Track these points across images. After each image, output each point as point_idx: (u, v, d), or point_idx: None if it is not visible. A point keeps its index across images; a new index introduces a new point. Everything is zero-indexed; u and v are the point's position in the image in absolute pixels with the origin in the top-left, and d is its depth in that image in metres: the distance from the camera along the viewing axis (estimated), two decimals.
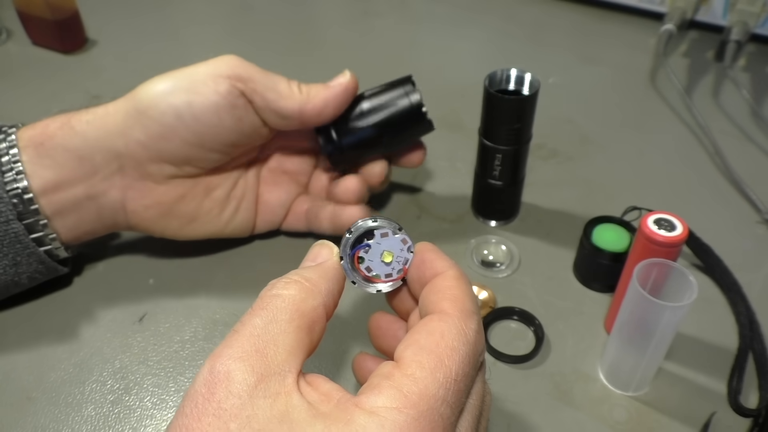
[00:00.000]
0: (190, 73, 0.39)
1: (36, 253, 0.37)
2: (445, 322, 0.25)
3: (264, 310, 0.25)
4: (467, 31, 0.73)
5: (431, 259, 0.29)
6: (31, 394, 0.36)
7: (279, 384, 0.23)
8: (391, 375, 0.23)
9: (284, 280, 0.27)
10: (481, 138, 0.43)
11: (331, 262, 0.29)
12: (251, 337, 0.24)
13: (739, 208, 0.49)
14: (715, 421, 0.35)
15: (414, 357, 0.24)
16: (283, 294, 0.26)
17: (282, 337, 0.24)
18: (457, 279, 0.28)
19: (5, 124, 0.38)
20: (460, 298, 0.27)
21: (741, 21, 0.63)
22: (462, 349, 0.25)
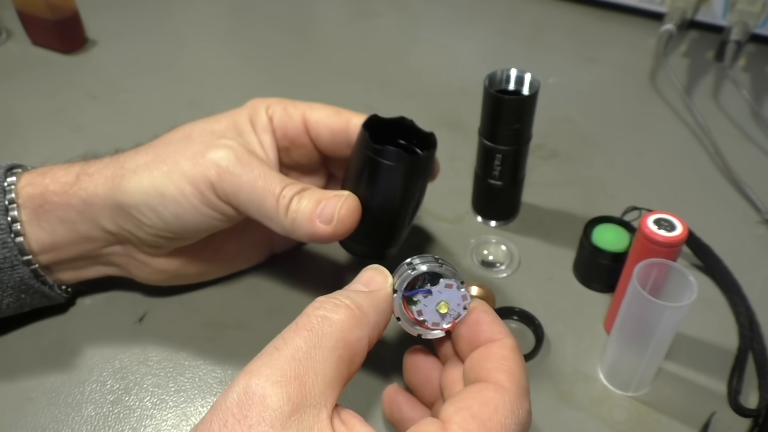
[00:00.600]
0: (175, 177, 0.34)
1: (40, 291, 0.37)
2: (501, 395, 0.25)
3: (309, 332, 0.24)
4: (467, 31, 0.73)
5: (487, 321, 0.28)
6: (31, 394, 0.36)
7: (313, 418, 0.22)
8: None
9: (334, 301, 0.26)
10: (481, 138, 0.43)
11: (383, 292, 0.28)
12: (293, 360, 0.23)
13: (739, 208, 0.49)
14: (715, 421, 0.35)
15: (463, 424, 0.23)
16: (332, 318, 0.25)
17: (323, 366, 0.23)
18: (515, 351, 0.27)
19: (13, 165, 0.38)
20: (518, 373, 0.26)
21: (741, 21, 0.63)
22: (513, 428, 0.24)
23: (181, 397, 0.36)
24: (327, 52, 0.70)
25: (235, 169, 0.33)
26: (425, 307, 0.29)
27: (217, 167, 0.33)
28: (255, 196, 0.33)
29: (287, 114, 0.37)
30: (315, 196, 0.33)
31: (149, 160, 0.34)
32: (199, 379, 0.37)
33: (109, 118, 0.58)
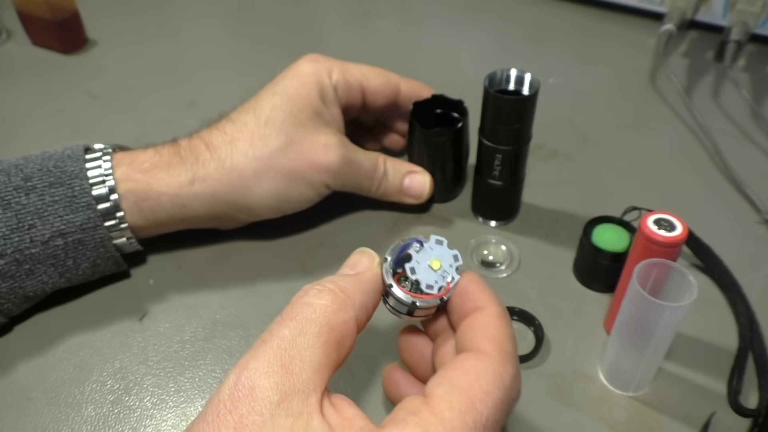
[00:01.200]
0: (298, 184, 0.41)
1: (114, 257, 0.40)
2: (482, 362, 0.25)
3: (293, 321, 0.24)
4: (467, 31, 0.73)
5: (474, 290, 0.28)
6: (31, 394, 0.36)
7: (302, 403, 0.23)
8: (419, 411, 0.23)
9: (317, 287, 0.26)
10: (481, 138, 0.43)
11: (370, 273, 0.28)
12: (278, 350, 0.23)
13: (739, 208, 0.49)
14: (715, 421, 0.35)
15: (445, 396, 0.23)
16: (315, 304, 0.25)
17: (309, 352, 0.24)
18: (499, 317, 0.27)
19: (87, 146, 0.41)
20: (500, 338, 0.26)
21: (741, 21, 0.63)
22: (497, 393, 0.24)
23: (181, 397, 0.36)
24: (327, 52, 0.69)
25: (344, 168, 0.42)
26: (418, 264, 0.29)
27: (331, 172, 0.41)
28: (357, 182, 0.44)
29: (348, 84, 0.43)
30: (399, 170, 0.45)
31: (265, 163, 0.40)
32: (199, 379, 0.37)
33: (109, 118, 0.58)
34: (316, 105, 0.41)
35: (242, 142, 0.40)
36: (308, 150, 0.40)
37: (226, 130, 0.41)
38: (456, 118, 0.48)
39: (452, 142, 0.46)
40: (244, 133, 0.40)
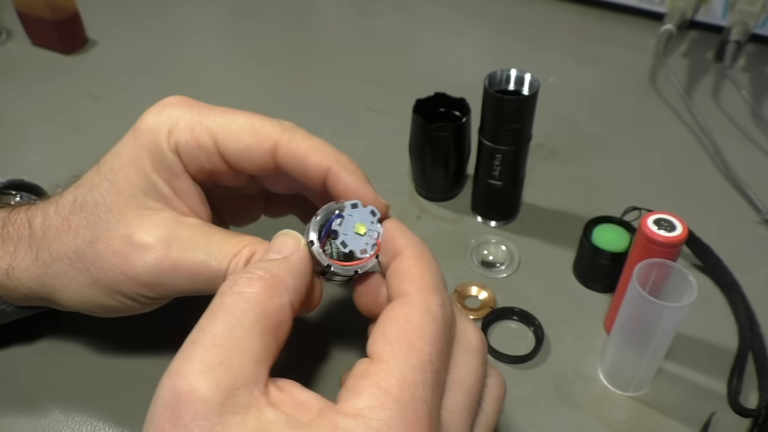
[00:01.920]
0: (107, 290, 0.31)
1: None
2: (408, 305, 0.25)
3: (226, 314, 0.23)
4: (467, 31, 0.73)
5: (392, 237, 0.28)
6: (32, 395, 0.36)
7: (248, 397, 0.22)
8: (367, 373, 0.23)
9: (246, 275, 0.25)
10: (481, 138, 0.43)
11: (297, 255, 0.27)
12: (213, 347, 0.22)
13: (739, 208, 0.49)
14: (715, 421, 0.35)
15: (384, 349, 0.23)
16: (248, 293, 0.24)
17: (247, 343, 0.23)
18: (416, 257, 0.27)
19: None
20: (420, 276, 0.26)
21: (741, 21, 0.63)
22: (430, 327, 0.24)
23: None
24: (327, 51, 0.70)
25: (165, 276, 0.29)
26: (346, 235, 0.29)
27: (142, 283, 0.30)
28: (199, 290, 0.30)
29: (197, 144, 0.30)
30: None
31: (70, 264, 0.31)
32: None
33: (109, 118, 0.58)
34: (144, 181, 0.30)
35: (57, 230, 0.31)
36: (113, 252, 0.30)
37: (50, 210, 0.32)
38: (458, 116, 0.48)
39: (454, 137, 0.46)
40: (61, 219, 0.31)
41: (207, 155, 0.30)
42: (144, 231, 0.29)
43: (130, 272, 0.29)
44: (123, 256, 0.29)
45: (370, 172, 0.53)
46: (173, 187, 0.31)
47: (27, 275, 0.32)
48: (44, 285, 0.32)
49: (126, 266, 0.29)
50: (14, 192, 0.39)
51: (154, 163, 0.30)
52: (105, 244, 0.30)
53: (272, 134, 0.30)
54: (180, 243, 0.29)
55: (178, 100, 0.31)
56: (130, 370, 0.38)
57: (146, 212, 0.30)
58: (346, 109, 0.60)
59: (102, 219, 0.30)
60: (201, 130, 0.30)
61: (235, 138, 0.30)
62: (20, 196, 0.39)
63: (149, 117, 0.31)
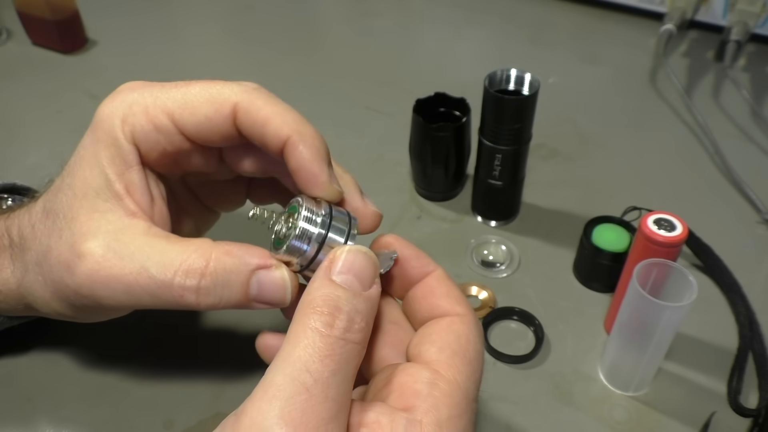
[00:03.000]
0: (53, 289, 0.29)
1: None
2: (467, 326, 0.27)
3: (336, 364, 0.22)
4: (467, 31, 0.73)
5: (417, 255, 0.29)
6: (32, 395, 0.36)
7: None
8: (436, 382, 0.24)
9: (344, 317, 0.23)
10: (481, 138, 0.43)
11: (377, 293, 0.25)
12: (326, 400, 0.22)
13: (739, 208, 0.49)
14: (715, 421, 0.35)
15: (450, 362, 0.25)
16: (352, 343, 0.23)
17: (348, 397, 0.23)
18: (448, 277, 0.29)
19: None
20: (462, 296, 0.28)
21: (741, 21, 0.63)
22: (482, 347, 0.27)
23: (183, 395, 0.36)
24: (327, 51, 0.70)
25: (109, 288, 0.26)
26: None
27: (86, 297, 0.27)
28: (153, 301, 0.26)
29: (153, 125, 0.27)
30: (238, 269, 0.26)
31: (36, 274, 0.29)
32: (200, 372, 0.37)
33: None
34: (98, 178, 0.28)
35: (27, 240, 0.30)
36: (59, 262, 0.27)
37: (25, 219, 0.30)
38: (458, 116, 0.48)
39: (454, 137, 0.46)
40: (31, 228, 0.29)
41: (166, 135, 0.28)
42: (86, 238, 0.27)
43: (71, 283, 0.27)
44: (66, 266, 0.27)
45: (370, 171, 0.53)
46: (126, 181, 0.28)
47: (7, 287, 0.31)
48: (22, 296, 0.30)
49: (68, 276, 0.27)
50: (6, 195, 0.39)
51: (110, 156, 0.28)
52: (55, 253, 0.28)
53: (231, 98, 0.27)
54: (117, 251, 0.26)
55: (132, 85, 0.29)
56: (129, 371, 0.38)
57: (94, 215, 0.27)
58: (346, 108, 0.60)
59: (57, 226, 0.28)
60: (156, 110, 0.27)
61: (192, 110, 0.27)
62: (12, 200, 0.39)
63: (103, 107, 0.28)
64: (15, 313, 0.34)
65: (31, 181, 0.40)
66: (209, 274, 0.26)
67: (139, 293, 0.26)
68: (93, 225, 0.27)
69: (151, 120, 0.27)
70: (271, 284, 0.26)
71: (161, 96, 0.28)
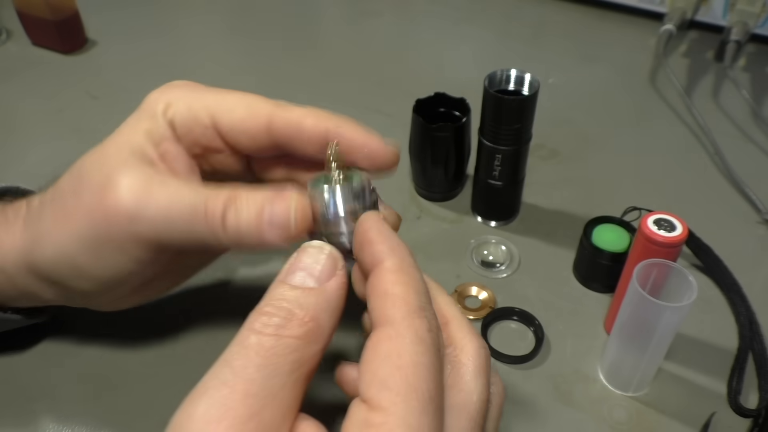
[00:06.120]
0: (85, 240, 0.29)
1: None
2: (396, 338, 0.22)
3: (261, 357, 0.21)
4: (467, 31, 0.73)
5: (370, 240, 0.25)
6: (31, 395, 0.36)
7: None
8: (368, 425, 0.21)
9: (283, 313, 0.23)
10: (481, 138, 0.43)
11: (334, 284, 0.24)
12: (247, 397, 0.20)
13: (739, 208, 0.49)
14: (715, 421, 0.35)
15: (381, 395, 0.21)
16: (287, 338, 0.22)
17: (281, 395, 0.21)
18: (398, 271, 0.24)
19: None
20: (403, 296, 0.23)
21: (741, 21, 0.63)
22: (423, 360, 0.22)
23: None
24: (327, 51, 0.70)
25: (149, 210, 0.27)
26: None
27: (128, 217, 0.28)
28: (186, 227, 0.27)
29: (193, 116, 0.30)
30: (253, 200, 0.28)
31: (55, 216, 0.30)
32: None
33: (109, 118, 0.58)
34: (132, 143, 0.30)
35: (46, 196, 0.31)
36: (92, 190, 0.28)
37: (59, 183, 0.31)
38: (458, 116, 0.48)
39: (454, 137, 0.46)
40: (53, 188, 0.31)
41: (202, 128, 0.30)
42: (121, 170, 0.28)
43: (110, 206, 0.27)
44: (101, 191, 0.28)
45: None
46: (162, 150, 0.30)
47: (12, 256, 0.31)
48: (29, 267, 0.30)
49: (106, 199, 0.28)
50: (10, 199, 0.39)
51: (148, 129, 0.30)
52: (86, 185, 0.29)
53: (266, 108, 0.30)
54: (154, 178, 0.28)
55: (182, 83, 0.32)
56: (130, 370, 0.38)
57: (129, 160, 0.29)
58: (346, 109, 0.59)
59: (85, 170, 0.29)
60: (198, 104, 0.30)
61: (229, 110, 0.30)
62: None
63: (150, 95, 0.31)
64: (14, 302, 0.34)
65: (30, 181, 0.40)
66: (237, 198, 0.27)
67: (174, 218, 0.27)
68: (129, 164, 0.28)
69: (192, 111, 0.30)
70: (280, 209, 0.27)
71: (205, 94, 0.31)
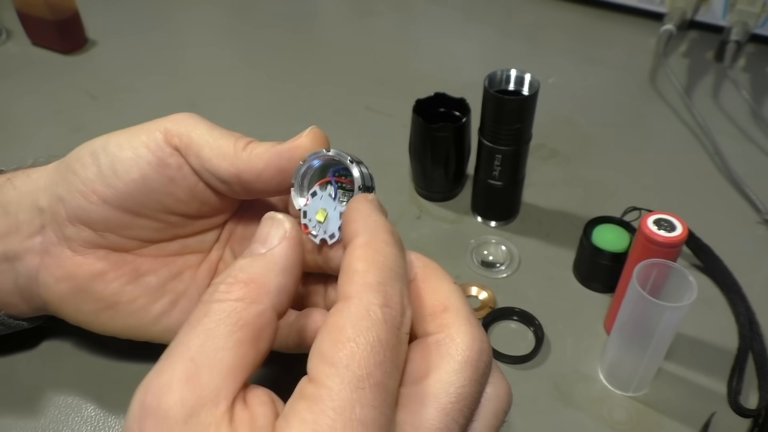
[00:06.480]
0: (134, 128, 0.32)
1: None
2: (342, 312, 0.22)
3: (200, 324, 0.22)
4: (467, 31, 0.73)
5: (348, 220, 0.25)
6: (31, 394, 0.36)
7: (210, 415, 0.20)
8: (302, 397, 0.21)
9: (228, 280, 0.23)
10: (481, 138, 0.43)
11: (280, 247, 0.24)
12: (183, 360, 0.21)
13: (739, 208, 0.49)
14: (715, 421, 0.35)
15: (318, 368, 0.21)
16: (224, 302, 0.22)
17: (219, 356, 0.21)
18: (364, 246, 0.23)
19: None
20: (363, 271, 0.22)
21: (741, 21, 0.63)
22: (366, 335, 0.21)
23: None
24: (327, 51, 0.70)
25: (198, 122, 0.31)
26: (309, 221, 0.28)
27: (183, 116, 0.31)
28: (210, 136, 0.30)
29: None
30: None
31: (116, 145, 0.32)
32: None
33: (109, 118, 0.58)
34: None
35: None
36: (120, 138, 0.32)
37: None
38: (458, 116, 0.48)
39: (454, 137, 0.46)
40: None
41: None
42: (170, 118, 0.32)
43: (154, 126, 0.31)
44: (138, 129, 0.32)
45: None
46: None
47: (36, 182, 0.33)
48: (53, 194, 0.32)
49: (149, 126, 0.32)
50: None
51: None
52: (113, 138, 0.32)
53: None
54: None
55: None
56: (130, 369, 0.38)
57: None
58: (346, 109, 0.60)
59: None
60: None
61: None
62: None
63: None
64: (24, 313, 0.34)
65: None
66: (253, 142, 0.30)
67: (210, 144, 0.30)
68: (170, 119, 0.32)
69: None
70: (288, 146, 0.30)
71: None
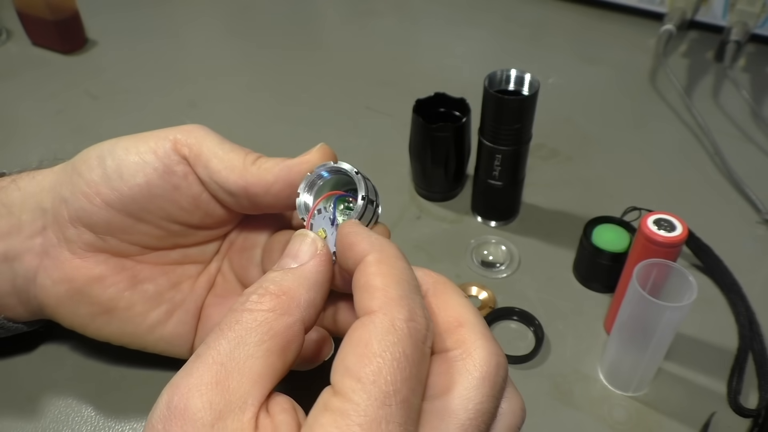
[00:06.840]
0: (143, 134, 0.33)
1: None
2: (368, 326, 0.22)
3: (231, 331, 0.23)
4: (467, 31, 0.73)
5: (352, 243, 0.25)
6: (31, 394, 0.36)
7: (237, 421, 0.21)
8: (327, 410, 0.21)
9: (259, 291, 0.24)
10: (481, 138, 0.43)
11: (313, 263, 0.25)
12: (214, 364, 0.22)
13: (739, 208, 0.49)
14: (715, 421, 0.35)
15: (343, 381, 0.21)
16: (256, 310, 0.23)
17: (249, 364, 0.22)
18: (378, 262, 0.24)
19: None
20: (383, 286, 0.23)
21: (741, 21, 0.63)
22: (393, 350, 0.21)
23: None
24: (327, 51, 0.70)
25: (208, 134, 0.32)
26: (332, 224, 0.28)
27: (193, 127, 0.32)
28: (220, 148, 0.31)
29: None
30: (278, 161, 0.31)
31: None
32: None
33: (109, 118, 0.58)
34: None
35: None
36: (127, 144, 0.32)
37: None
38: (458, 116, 0.48)
39: (454, 137, 0.46)
40: None
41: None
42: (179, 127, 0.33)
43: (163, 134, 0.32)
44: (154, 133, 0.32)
45: (370, 171, 0.53)
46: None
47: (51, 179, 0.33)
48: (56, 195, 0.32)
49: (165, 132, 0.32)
50: None
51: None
52: None
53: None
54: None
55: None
56: (130, 369, 0.38)
57: None
58: (346, 109, 0.60)
59: None
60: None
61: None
62: None
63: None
64: (20, 316, 0.34)
65: None
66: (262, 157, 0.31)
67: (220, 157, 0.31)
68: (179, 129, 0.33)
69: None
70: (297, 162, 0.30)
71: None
